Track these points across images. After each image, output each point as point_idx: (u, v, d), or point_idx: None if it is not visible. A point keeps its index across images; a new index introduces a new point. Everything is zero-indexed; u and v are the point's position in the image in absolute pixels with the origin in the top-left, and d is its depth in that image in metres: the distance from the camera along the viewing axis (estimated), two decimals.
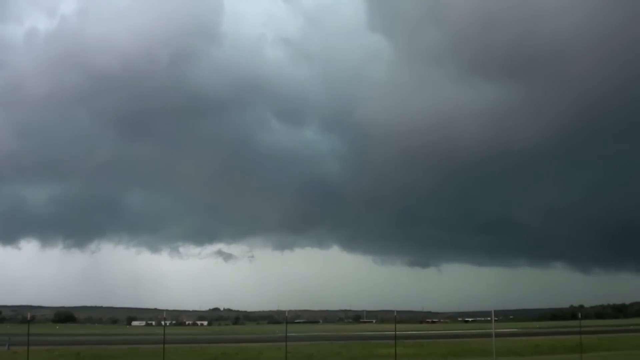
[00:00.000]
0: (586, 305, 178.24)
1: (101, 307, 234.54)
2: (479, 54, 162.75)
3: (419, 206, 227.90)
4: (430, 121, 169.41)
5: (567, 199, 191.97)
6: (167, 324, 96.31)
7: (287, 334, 34.98)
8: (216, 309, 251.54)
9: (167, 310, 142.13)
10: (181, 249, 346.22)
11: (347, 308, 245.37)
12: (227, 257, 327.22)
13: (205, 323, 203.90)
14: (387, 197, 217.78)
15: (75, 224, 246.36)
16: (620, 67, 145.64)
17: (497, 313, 41.80)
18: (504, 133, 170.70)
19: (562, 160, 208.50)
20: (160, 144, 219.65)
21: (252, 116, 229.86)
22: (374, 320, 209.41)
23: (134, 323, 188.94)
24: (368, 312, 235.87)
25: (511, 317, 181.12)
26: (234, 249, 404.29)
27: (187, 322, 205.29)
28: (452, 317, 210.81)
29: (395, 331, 37.00)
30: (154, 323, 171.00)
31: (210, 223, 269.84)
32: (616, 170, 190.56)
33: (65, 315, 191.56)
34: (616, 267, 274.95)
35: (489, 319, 37.73)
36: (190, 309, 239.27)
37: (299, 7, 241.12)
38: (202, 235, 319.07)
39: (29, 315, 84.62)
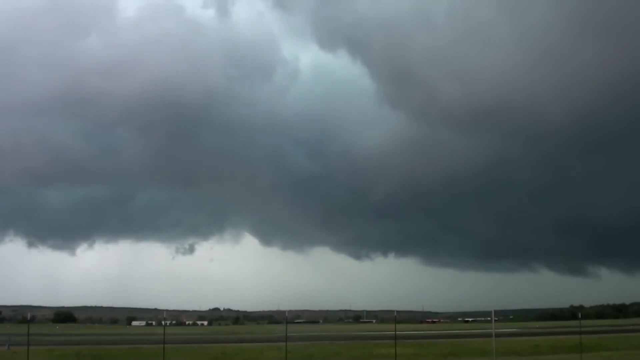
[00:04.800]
0: (586, 305, 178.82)
1: (101, 307, 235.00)
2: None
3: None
4: None
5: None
6: (167, 324, 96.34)
7: (287, 334, 35.00)
8: (216, 309, 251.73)
9: (167, 310, 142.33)
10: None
11: (347, 308, 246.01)
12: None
13: (205, 323, 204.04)
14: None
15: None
16: None
17: (497, 313, 41.81)
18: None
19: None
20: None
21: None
22: (374, 320, 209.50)
23: (134, 323, 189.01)
24: (368, 312, 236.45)
25: (511, 317, 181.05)
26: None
27: (187, 322, 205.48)
28: (452, 317, 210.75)
29: (395, 331, 37.00)
30: (154, 323, 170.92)
31: None
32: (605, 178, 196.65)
33: (65, 315, 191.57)
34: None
35: (489, 319, 37.76)
36: (190, 309, 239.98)
37: None
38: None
39: (29, 315, 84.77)
